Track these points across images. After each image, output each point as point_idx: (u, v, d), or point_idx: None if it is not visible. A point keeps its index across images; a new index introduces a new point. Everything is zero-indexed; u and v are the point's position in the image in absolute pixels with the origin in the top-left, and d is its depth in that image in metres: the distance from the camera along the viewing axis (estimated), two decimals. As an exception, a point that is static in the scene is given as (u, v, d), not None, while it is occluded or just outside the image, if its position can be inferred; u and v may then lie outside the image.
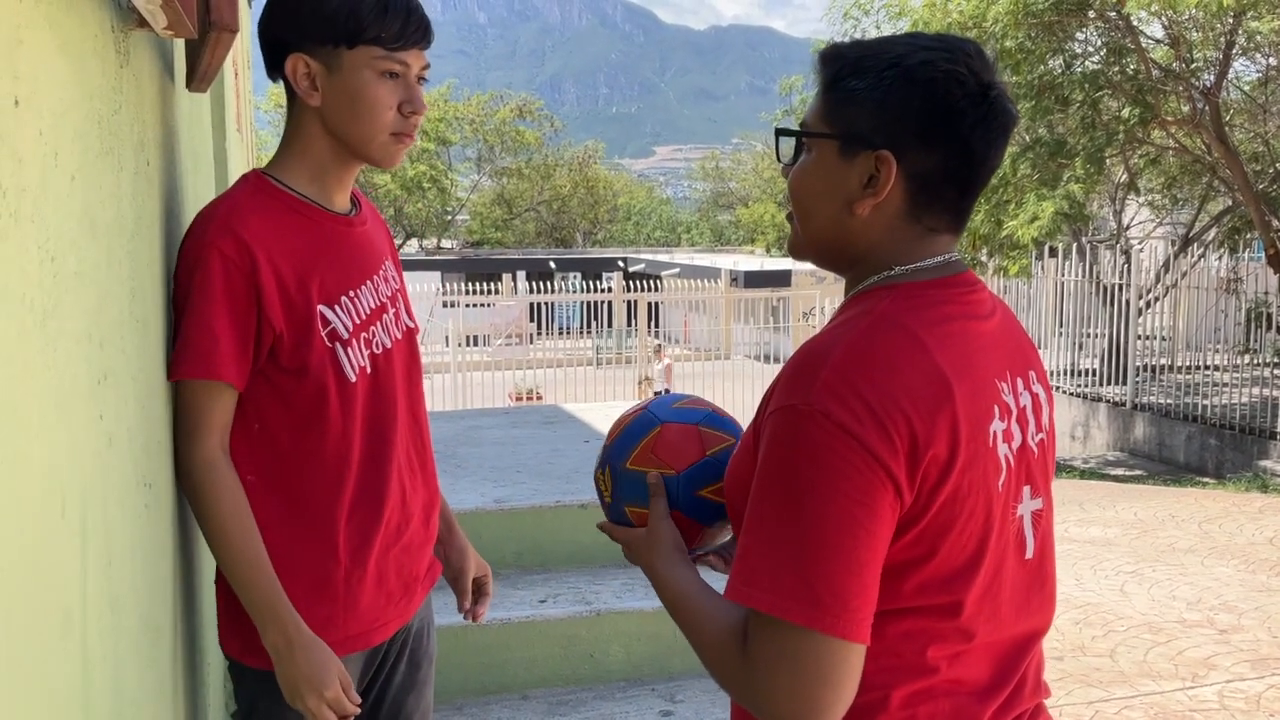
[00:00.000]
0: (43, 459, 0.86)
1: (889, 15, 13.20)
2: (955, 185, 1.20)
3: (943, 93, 1.16)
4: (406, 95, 1.63)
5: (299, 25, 1.60)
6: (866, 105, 1.18)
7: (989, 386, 1.19)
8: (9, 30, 0.80)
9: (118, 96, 1.29)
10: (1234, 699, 4.01)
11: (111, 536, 1.14)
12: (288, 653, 1.59)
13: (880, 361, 1.12)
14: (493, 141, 38.64)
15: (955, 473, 1.12)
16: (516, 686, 3.34)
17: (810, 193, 1.24)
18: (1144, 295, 13.21)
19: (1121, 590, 5.40)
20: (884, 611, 1.14)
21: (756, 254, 39.42)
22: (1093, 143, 11.25)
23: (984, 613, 1.19)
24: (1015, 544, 1.23)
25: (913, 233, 1.21)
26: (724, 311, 20.56)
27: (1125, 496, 8.35)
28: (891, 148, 1.17)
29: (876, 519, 1.08)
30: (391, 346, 1.75)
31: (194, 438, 1.57)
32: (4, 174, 0.78)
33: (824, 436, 1.08)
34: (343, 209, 1.73)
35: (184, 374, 1.55)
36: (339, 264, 1.68)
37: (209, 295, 1.55)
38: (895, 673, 1.16)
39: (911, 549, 1.13)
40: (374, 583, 1.72)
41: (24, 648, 0.79)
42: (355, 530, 1.70)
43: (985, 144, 1.18)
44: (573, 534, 3.77)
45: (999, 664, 1.22)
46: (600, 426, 5.22)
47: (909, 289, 1.20)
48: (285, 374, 1.63)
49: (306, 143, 1.67)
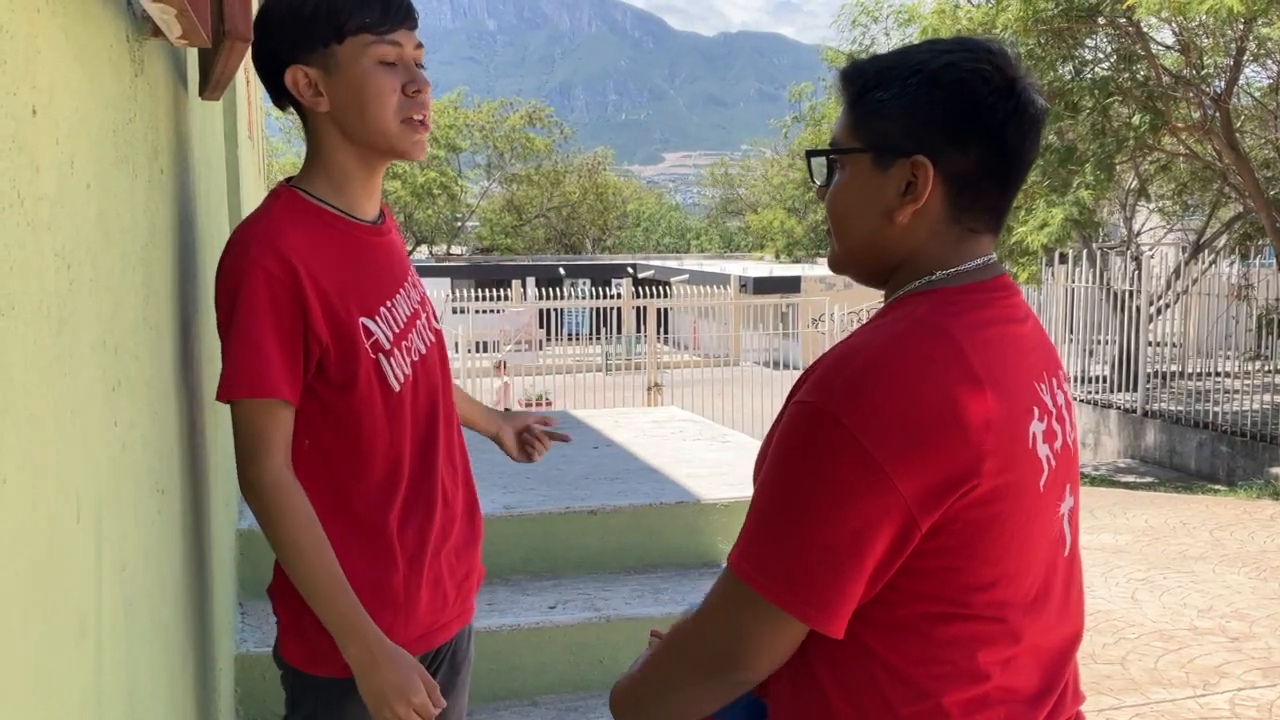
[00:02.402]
0: (58, 465, 0.87)
1: (898, 22, 13.20)
2: (994, 182, 1.20)
3: (970, 91, 1.16)
4: (407, 76, 1.63)
5: (285, 38, 1.61)
6: (895, 114, 1.18)
7: (1028, 388, 1.19)
8: (26, 40, 0.81)
9: (132, 105, 1.30)
10: (1245, 707, 3.99)
11: (125, 542, 1.15)
12: (372, 665, 1.59)
13: (908, 368, 1.12)
14: (502, 148, 38.74)
15: (986, 476, 1.11)
16: (526, 693, 3.34)
17: (849, 209, 1.24)
18: (1154, 302, 13.16)
19: (1133, 597, 5.38)
20: (929, 615, 1.15)
21: (766, 260, 39.39)
22: (1103, 149, 11.22)
23: (1031, 613, 1.19)
24: (1059, 542, 1.24)
25: (954, 235, 1.21)
26: (733, 318, 20.53)
27: (1136, 504, 8.32)
28: (926, 152, 1.17)
29: (872, 527, 1.10)
30: (427, 352, 1.77)
31: (258, 458, 1.57)
32: (21, 182, 0.78)
33: (835, 443, 1.10)
34: (371, 217, 1.73)
35: (238, 394, 1.55)
36: (374, 275, 1.69)
37: (255, 313, 1.54)
38: (947, 680, 1.15)
39: (949, 554, 1.13)
40: (430, 586, 1.74)
41: (40, 652, 0.80)
42: (410, 536, 1.71)
43: (1019, 137, 1.19)
44: (582, 540, 3.77)
45: (1046, 670, 1.22)
46: (609, 432, 5.23)
47: (949, 293, 1.20)
48: (332, 388, 1.63)
49: (327, 153, 1.67)
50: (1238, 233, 14.71)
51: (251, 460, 1.58)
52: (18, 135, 0.78)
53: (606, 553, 3.77)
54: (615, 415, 5.86)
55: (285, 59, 1.61)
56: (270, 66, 1.64)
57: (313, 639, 1.65)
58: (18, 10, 0.79)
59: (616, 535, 3.80)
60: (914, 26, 12.60)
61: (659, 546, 3.84)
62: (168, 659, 1.44)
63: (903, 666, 1.16)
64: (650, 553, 3.82)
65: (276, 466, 1.58)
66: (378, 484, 1.68)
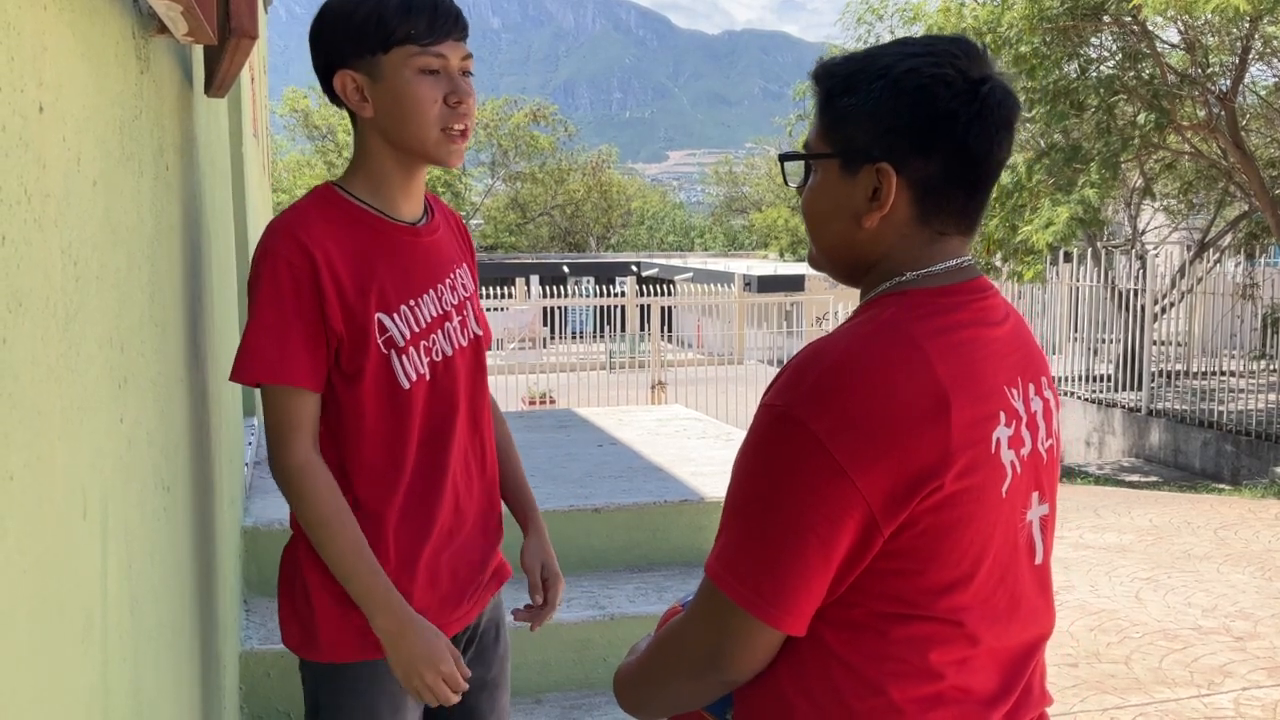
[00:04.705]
0: (65, 462, 0.87)
1: (903, 20, 13.16)
2: (960, 186, 1.20)
3: (931, 98, 1.16)
4: (450, 87, 1.65)
5: (336, 43, 1.65)
6: (860, 120, 1.19)
7: (996, 393, 1.18)
8: (34, 37, 0.81)
9: (138, 102, 1.30)
10: (1250, 706, 3.99)
11: (131, 539, 1.15)
12: (399, 635, 1.65)
13: (871, 371, 1.13)
14: (507, 146, 38.71)
15: (948, 480, 1.12)
16: (530, 691, 3.34)
17: (820, 212, 1.26)
18: (1159, 301, 13.14)
19: (1137, 597, 5.37)
20: (887, 615, 1.16)
21: (770, 258, 39.39)
22: (1108, 148, 11.19)
23: (989, 617, 1.19)
24: (1026, 549, 1.24)
25: (923, 238, 1.22)
26: (737, 316, 20.51)
27: (1140, 503, 8.31)
28: (890, 159, 1.18)
29: (836, 530, 1.11)
30: (454, 354, 1.78)
31: (286, 442, 1.64)
32: (29, 179, 0.78)
33: (798, 445, 1.12)
34: (410, 218, 1.76)
35: (252, 377, 1.61)
36: (400, 272, 1.71)
37: (278, 301, 1.61)
38: (899, 677, 1.16)
39: (908, 556, 1.14)
40: (425, 585, 1.75)
41: (47, 648, 0.80)
42: (406, 533, 1.73)
43: (984, 141, 1.18)
44: (586, 538, 3.77)
45: (1005, 671, 1.23)
46: (613, 431, 5.23)
47: (918, 295, 1.20)
48: (342, 377, 1.68)
49: (368, 154, 1.71)
50: (1243, 231, 14.68)
51: (280, 444, 1.64)
52: (25, 132, 0.78)
53: (610, 551, 3.77)
54: (619, 413, 5.87)
55: (335, 63, 1.65)
56: (324, 70, 1.68)
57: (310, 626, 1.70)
58: (25, 7, 0.79)
59: (620, 533, 3.80)
60: (919, 25, 12.58)
61: (663, 545, 3.84)
62: (173, 655, 1.44)
63: (858, 663, 1.17)
64: (654, 551, 3.82)
65: (304, 449, 1.64)
66: (378, 478, 1.71)
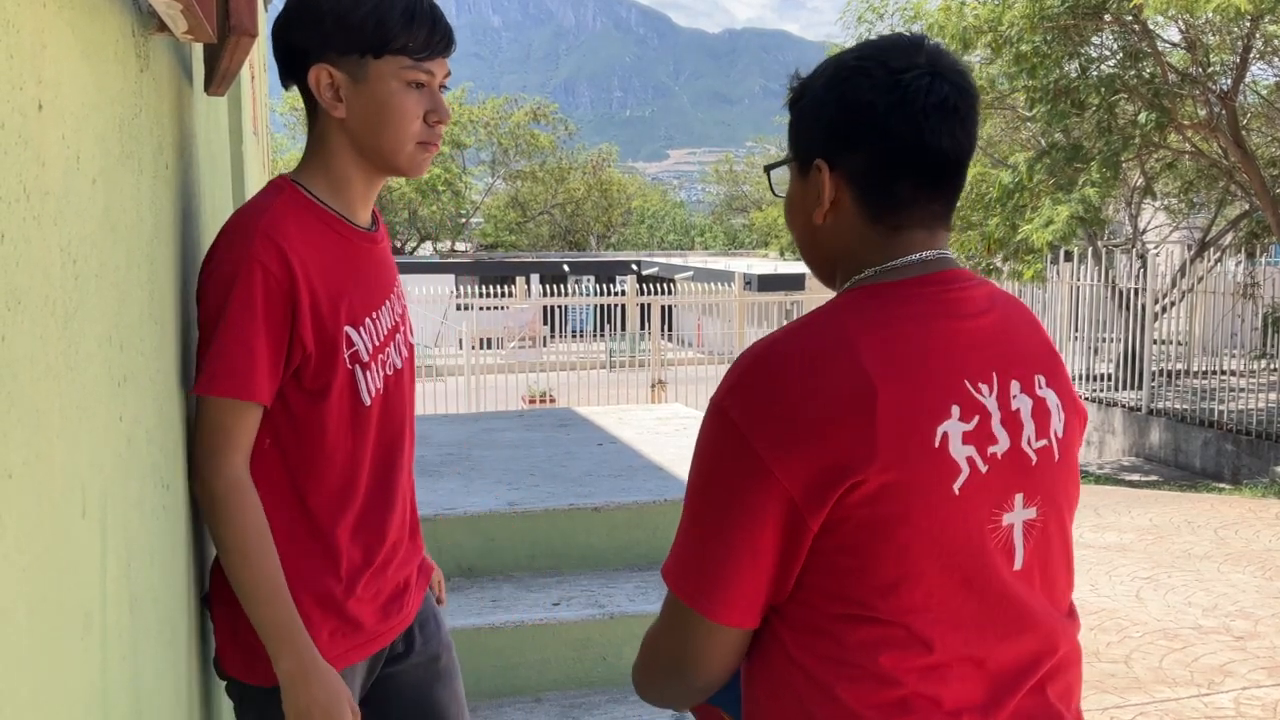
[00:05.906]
0: (64, 460, 0.87)
1: (904, 19, 13.15)
2: (902, 176, 1.20)
3: (850, 90, 1.20)
4: (432, 104, 1.61)
5: (323, 35, 1.57)
6: (806, 123, 1.26)
7: (949, 386, 1.15)
8: (33, 35, 0.81)
9: (138, 100, 1.30)
10: (1250, 706, 3.99)
11: (131, 537, 1.15)
12: (302, 680, 1.55)
13: (792, 362, 1.14)
14: (507, 145, 38.71)
15: (873, 471, 1.09)
16: (530, 689, 3.34)
17: (789, 215, 1.31)
18: (1160, 300, 13.14)
19: (1137, 596, 5.37)
20: (839, 616, 1.15)
21: (770, 257, 39.36)
22: (1109, 147, 11.18)
23: (950, 623, 1.15)
24: (1001, 553, 1.18)
25: (877, 233, 1.22)
26: (737, 315, 20.52)
27: (1140, 502, 8.31)
28: (824, 155, 1.22)
29: (758, 519, 1.13)
30: (401, 367, 1.75)
31: (220, 456, 1.54)
32: (28, 177, 0.78)
33: (720, 434, 1.15)
34: (365, 224, 1.71)
35: (218, 390, 1.52)
36: (364, 284, 1.67)
37: (250, 310, 1.51)
38: (855, 682, 1.14)
39: (850, 552, 1.13)
40: (371, 597, 1.72)
41: (46, 647, 0.80)
42: (357, 549, 1.69)
43: (910, 127, 1.17)
44: (586, 537, 3.78)
45: (993, 684, 1.17)
46: (613, 429, 5.23)
47: (870, 289, 1.21)
48: (304, 394, 1.61)
49: (330, 155, 1.64)
50: (1244, 231, 14.66)
51: (212, 457, 1.54)
52: (24, 130, 0.78)
53: (610, 549, 3.78)
54: (619, 412, 5.87)
55: (313, 54, 1.58)
56: (293, 54, 1.61)
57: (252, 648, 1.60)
58: (24, 5, 0.79)
59: (620, 532, 3.80)
60: (920, 23, 12.57)
61: (663, 543, 3.83)
62: (172, 654, 1.44)
63: (813, 666, 1.16)
64: (654, 549, 3.82)
65: (236, 466, 1.55)
66: (332, 493, 1.66)
